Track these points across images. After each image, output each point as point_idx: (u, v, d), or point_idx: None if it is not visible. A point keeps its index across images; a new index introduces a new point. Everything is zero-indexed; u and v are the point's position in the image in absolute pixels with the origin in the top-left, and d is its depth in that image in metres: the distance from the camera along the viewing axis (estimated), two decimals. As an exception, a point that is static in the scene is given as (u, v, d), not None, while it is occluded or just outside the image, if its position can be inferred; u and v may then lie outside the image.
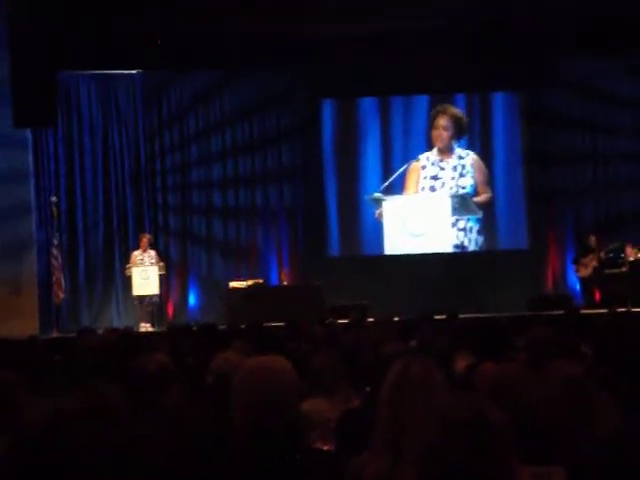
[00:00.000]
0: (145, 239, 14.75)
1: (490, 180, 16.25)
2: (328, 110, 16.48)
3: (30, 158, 14.95)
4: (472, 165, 16.13)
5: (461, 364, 5.47)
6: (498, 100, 16.46)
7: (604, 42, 14.81)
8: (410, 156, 16.19)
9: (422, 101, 16.33)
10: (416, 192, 16.16)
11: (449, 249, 16.13)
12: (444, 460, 1.84)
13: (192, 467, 2.90)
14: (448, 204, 15.98)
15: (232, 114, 16.32)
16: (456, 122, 16.14)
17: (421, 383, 2.94)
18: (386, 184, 16.02)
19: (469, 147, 16.25)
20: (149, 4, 13.37)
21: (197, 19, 13.75)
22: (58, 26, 13.05)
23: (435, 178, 16.12)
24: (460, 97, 16.39)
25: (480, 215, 16.09)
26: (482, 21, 14.28)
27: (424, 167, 16.13)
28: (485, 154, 16.32)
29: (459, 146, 16.17)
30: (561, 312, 11.48)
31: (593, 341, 6.01)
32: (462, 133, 16.20)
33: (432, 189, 16.13)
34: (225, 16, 13.79)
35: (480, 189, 16.12)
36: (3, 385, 3.60)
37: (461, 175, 16.11)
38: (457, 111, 16.17)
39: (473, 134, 16.36)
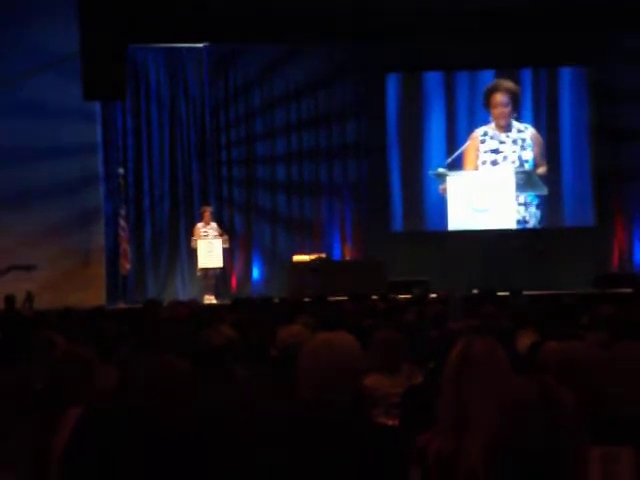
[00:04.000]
0: (207, 211, 14.86)
1: (550, 155, 16.08)
2: (393, 85, 16.40)
3: (99, 131, 15.14)
4: (531, 139, 16.01)
5: (524, 342, 5.45)
6: (565, 75, 16.23)
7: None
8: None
9: (487, 76, 16.18)
10: (476, 167, 16.07)
11: (513, 225, 16.01)
12: (512, 440, 1.85)
13: (257, 438, 2.95)
14: (512, 180, 15.85)
15: (297, 88, 16.34)
16: (512, 96, 16.00)
17: (484, 362, 2.95)
18: (450, 159, 15.93)
19: (534, 122, 16.07)
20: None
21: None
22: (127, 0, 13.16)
23: (496, 152, 16.00)
24: (526, 72, 16.20)
25: (546, 192, 15.93)
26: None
27: (483, 141, 16.02)
28: (551, 130, 16.14)
29: (516, 120, 16.02)
30: (627, 290, 11.36)
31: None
32: (518, 106, 16.05)
33: (494, 163, 16.02)
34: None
35: (538, 162, 16.00)
36: (76, 360, 3.69)
37: (522, 148, 15.99)
38: (510, 84, 16.01)
39: (539, 109, 16.17)
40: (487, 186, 15.89)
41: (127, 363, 4.24)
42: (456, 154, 15.91)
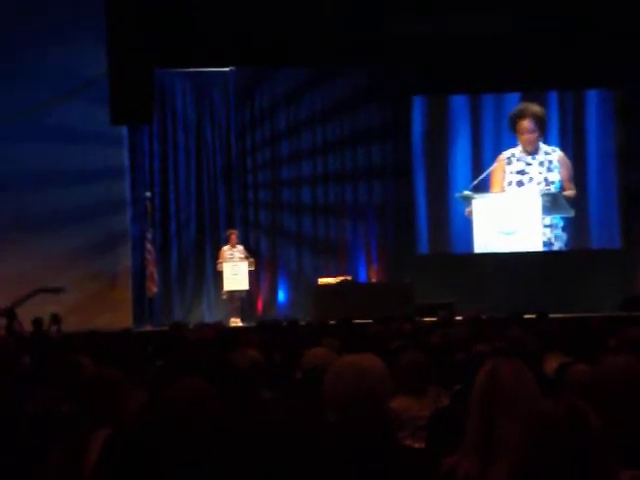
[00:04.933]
0: (233, 235, 14.94)
1: (577, 177, 16.02)
2: (419, 107, 16.42)
3: (126, 155, 15.25)
4: (559, 161, 15.96)
5: (551, 365, 5.42)
6: (592, 97, 16.19)
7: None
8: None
9: (513, 99, 16.17)
10: (502, 188, 16.03)
11: (539, 248, 15.95)
12: (540, 462, 1.84)
13: (285, 460, 2.95)
14: (539, 202, 15.80)
15: (323, 111, 16.39)
16: (539, 121, 15.97)
17: (511, 385, 2.94)
18: (476, 182, 15.91)
19: (560, 144, 16.04)
20: (242, 3, 13.54)
21: (290, 17, 13.84)
22: (154, 24, 13.29)
23: (522, 173, 15.98)
24: (553, 95, 16.18)
25: (572, 214, 15.86)
26: (577, 18, 14.05)
27: (509, 162, 16.00)
28: (578, 152, 16.09)
29: (543, 142, 15.99)
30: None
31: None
32: (545, 129, 16.02)
33: (520, 184, 15.99)
34: (317, 14, 13.86)
35: (566, 185, 15.95)
36: (104, 382, 3.71)
37: (549, 170, 15.94)
38: (537, 108, 15.97)
39: (566, 132, 16.13)
40: (513, 209, 15.85)
41: (155, 385, 4.26)
42: (482, 176, 15.89)
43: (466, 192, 15.92)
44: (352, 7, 13.58)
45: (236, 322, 14.39)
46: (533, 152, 15.95)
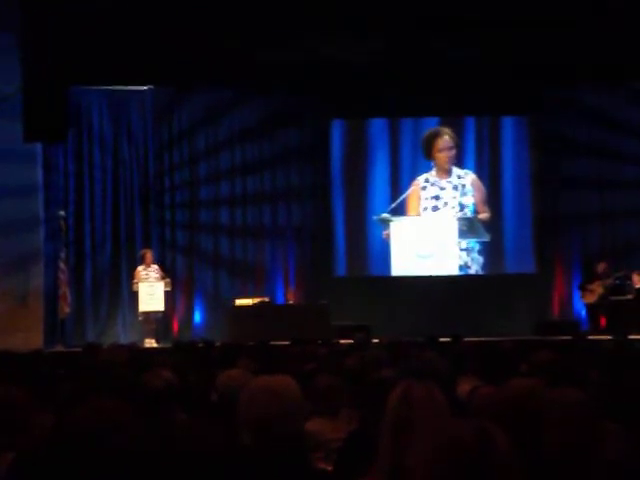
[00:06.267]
0: (147, 254, 14.81)
1: (492, 202, 16.29)
2: (338, 130, 16.54)
3: (40, 172, 15.00)
4: (472, 184, 16.21)
5: (464, 388, 5.47)
6: (507, 124, 16.51)
7: (615, 71, 14.80)
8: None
9: (432, 123, 16.39)
10: (418, 213, 16.23)
11: (456, 271, 16.15)
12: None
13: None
14: (455, 226, 16.02)
15: (242, 132, 16.38)
16: (454, 140, 16.24)
17: (423, 407, 2.95)
18: (394, 205, 16.06)
19: (476, 169, 16.30)
20: (161, 21, 13.45)
21: (209, 38, 13.80)
22: (70, 41, 13.12)
23: (437, 198, 16.19)
24: (470, 120, 16.45)
25: (488, 238, 16.11)
26: (495, 46, 14.30)
27: (424, 188, 16.20)
28: (493, 177, 16.37)
29: (456, 165, 16.25)
30: (566, 337, 11.47)
31: (599, 368, 6.02)
32: (459, 152, 16.29)
33: (435, 209, 16.20)
34: (237, 36, 13.85)
35: (480, 208, 16.20)
36: (11, 404, 3.61)
37: (463, 194, 16.19)
38: (450, 131, 16.26)
39: (482, 157, 16.41)
40: (430, 232, 16.04)
41: (64, 407, 4.17)
42: (399, 200, 16.05)
43: (384, 215, 16.06)
44: (272, 29, 13.59)
45: (151, 343, 14.22)
46: (448, 173, 16.16)
